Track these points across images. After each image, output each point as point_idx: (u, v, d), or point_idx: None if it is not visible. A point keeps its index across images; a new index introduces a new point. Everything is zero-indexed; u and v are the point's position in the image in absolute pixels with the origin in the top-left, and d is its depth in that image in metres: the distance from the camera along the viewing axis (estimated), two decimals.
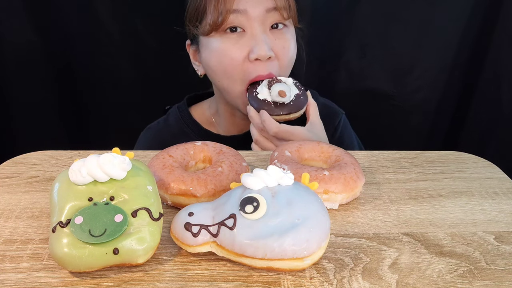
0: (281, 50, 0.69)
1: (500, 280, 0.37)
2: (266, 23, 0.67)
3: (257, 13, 0.66)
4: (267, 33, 0.68)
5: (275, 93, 0.66)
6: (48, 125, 1.04)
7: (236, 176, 0.45)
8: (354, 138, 0.83)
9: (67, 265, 0.34)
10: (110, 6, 0.93)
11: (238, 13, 0.65)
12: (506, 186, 0.51)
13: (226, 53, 0.67)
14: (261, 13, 0.66)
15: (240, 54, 0.67)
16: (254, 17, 0.66)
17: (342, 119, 0.81)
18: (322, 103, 0.80)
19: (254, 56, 0.66)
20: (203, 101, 0.85)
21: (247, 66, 0.68)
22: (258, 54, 0.66)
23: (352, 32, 1.00)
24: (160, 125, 0.82)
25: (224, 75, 0.70)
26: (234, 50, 0.67)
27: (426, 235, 0.42)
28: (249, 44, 0.67)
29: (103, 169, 0.36)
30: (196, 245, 0.36)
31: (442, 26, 0.98)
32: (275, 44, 0.68)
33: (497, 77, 1.02)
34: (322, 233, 0.36)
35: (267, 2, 0.67)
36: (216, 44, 0.68)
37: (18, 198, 0.46)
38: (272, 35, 0.68)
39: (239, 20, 0.66)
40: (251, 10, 0.66)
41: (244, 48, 0.67)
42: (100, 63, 0.99)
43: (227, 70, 0.68)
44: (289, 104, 0.67)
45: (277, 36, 0.69)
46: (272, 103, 0.67)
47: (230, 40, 0.67)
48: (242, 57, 0.67)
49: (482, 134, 1.09)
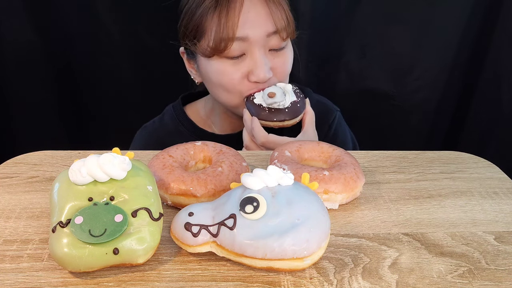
0: (280, 67, 0.71)
1: (500, 280, 0.37)
2: (266, 45, 0.69)
3: (257, 38, 0.67)
4: (266, 55, 0.69)
5: (265, 95, 0.66)
6: (48, 125, 1.04)
7: (236, 176, 0.45)
8: (348, 135, 0.83)
9: (67, 265, 0.34)
10: (110, 6, 0.93)
11: (240, 40, 0.66)
12: (506, 186, 0.51)
13: (225, 74, 0.69)
14: (262, 37, 0.67)
15: (239, 75, 0.68)
16: (255, 42, 0.67)
17: (336, 116, 0.82)
18: (317, 100, 0.80)
19: (254, 79, 0.68)
20: (197, 100, 0.85)
21: (246, 84, 0.69)
22: (258, 78, 0.67)
23: (352, 33, 1.00)
24: (155, 124, 0.83)
25: (223, 91, 0.71)
26: (234, 71, 0.68)
27: (426, 235, 0.42)
28: (248, 66, 0.68)
29: (103, 169, 0.36)
30: (196, 245, 0.36)
31: (442, 26, 0.98)
32: (274, 62, 0.70)
33: (497, 77, 1.02)
34: (322, 233, 0.36)
35: (267, 26, 0.67)
36: (215, 66, 0.69)
37: (18, 198, 0.46)
38: (271, 55, 0.70)
39: (240, 46, 0.67)
40: (252, 36, 0.66)
41: (243, 69, 0.68)
42: (100, 63, 0.99)
43: (226, 87, 0.70)
44: (284, 111, 0.67)
45: (276, 55, 0.70)
46: (267, 109, 0.67)
47: (230, 62, 0.68)
48: (241, 77, 0.69)
49: (482, 134, 1.09)
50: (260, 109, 0.67)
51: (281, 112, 0.67)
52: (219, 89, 0.71)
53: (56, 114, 1.04)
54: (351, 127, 0.86)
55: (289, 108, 0.67)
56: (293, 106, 0.67)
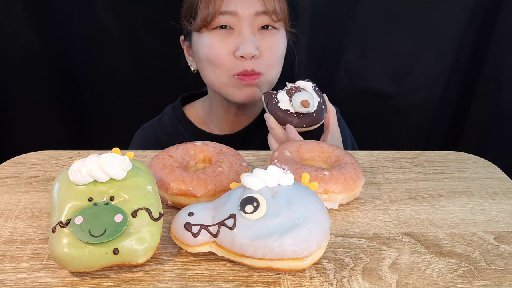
0: (268, 49, 0.71)
1: (500, 280, 0.37)
2: (254, 24, 0.70)
3: (246, 15, 0.69)
4: (254, 33, 0.70)
5: (297, 104, 0.62)
6: (48, 125, 1.04)
7: (236, 176, 0.45)
8: (347, 134, 0.83)
9: (67, 265, 0.34)
10: (110, 6, 0.93)
11: (228, 14, 0.68)
12: (506, 186, 0.51)
13: (213, 48, 0.70)
14: (251, 15, 0.69)
15: (226, 50, 0.69)
16: (244, 18, 0.69)
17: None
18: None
19: (239, 54, 0.69)
20: (196, 101, 0.86)
21: (233, 61, 0.70)
22: (243, 52, 0.68)
23: (352, 33, 1.00)
24: (154, 125, 0.83)
25: (211, 68, 0.72)
26: (221, 45, 0.69)
27: (426, 235, 0.42)
28: (236, 41, 0.69)
29: (103, 169, 0.36)
30: (196, 245, 0.36)
31: (442, 26, 0.98)
32: (261, 43, 0.70)
33: (497, 77, 1.02)
34: (322, 233, 0.36)
35: (257, 5, 0.69)
36: (205, 40, 0.71)
37: (18, 198, 0.46)
38: (260, 35, 0.71)
39: (229, 20, 0.69)
40: (241, 12, 0.68)
41: (231, 45, 0.69)
42: (100, 63, 0.99)
43: (213, 63, 0.71)
44: (312, 115, 0.63)
45: (265, 36, 0.71)
46: (295, 114, 0.62)
47: (219, 36, 0.70)
48: (228, 53, 0.69)
49: (482, 134, 1.09)
50: (288, 115, 0.62)
51: (310, 116, 0.63)
52: (207, 66, 0.72)
53: (56, 114, 1.04)
54: (351, 127, 0.86)
55: (316, 112, 0.63)
56: (319, 109, 0.64)
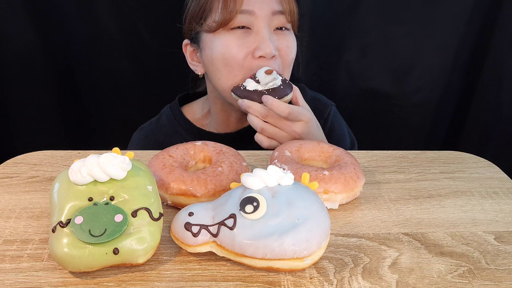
0: (285, 49, 0.71)
1: (500, 280, 0.37)
2: (271, 24, 0.69)
3: (263, 14, 0.68)
4: (271, 33, 0.69)
5: (262, 76, 0.65)
6: (48, 125, 1.04)
7: (236, 176, 0.45)
8: (345, 129, 0.83)
9: (67, 265, 0.34)
10: (110, 6, 0.93)
11: (246, 13, 0.67)
12: (506, 186, 0.51)
13: (231, 49, 0.68)
14: (268, 14, 0.68)
15: (244, 51, 0.68)
16: (261, 18, 0.68)
17: (331, 110, 0.82)
18: (311, 97, 0.81)
19: (260, 53, 0.67)
20: (194, 101, 0.85)
21: (251, 62, 0.69)
22: (265, 52, 0.67)
23: (353, 32, 1.00)
24: (152, 125, 0.83)
25: (226, 70, 0.70)
26: (239, 46, 0.68)
27: (426, 235, 0.42)
28: (254, 41, 0.68)
29: (103, 169, 0.36)
30: (196, 245, 0.36)
31: (442, 26, 0.98)
32: (279, 43, 0.70)
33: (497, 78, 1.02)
34: (322, 233, 0.36)
35: (274, 5, 0.69)
36: (221, 40, 0.69)
37: (18, 198, 0.46)
38: (276, 36, 0.70)
39: (247, 19, 0.68)
40: (258, 11, 0.68)
41: (249, 45, 0.68)
42: (100, 63, 0.99)
43: (230, 64, 0.69)
44: (279, 88, 0.66)
45: (281, 36, 0.71)
46: (265, 91, 0.66)
47: (236, 36, 0.69)
48: (246, 54, 0.68)
49: (482, 134, 1.09)
50: (259, 94, 0.66)
51: (278, 89, 0.66)
52: (221, 68, 0.70)
53: (56, 114, 1.04)
54: (351, 127, 0.86)
55: (282, 85, 0.67)
56: (284, 83, 0.67)
